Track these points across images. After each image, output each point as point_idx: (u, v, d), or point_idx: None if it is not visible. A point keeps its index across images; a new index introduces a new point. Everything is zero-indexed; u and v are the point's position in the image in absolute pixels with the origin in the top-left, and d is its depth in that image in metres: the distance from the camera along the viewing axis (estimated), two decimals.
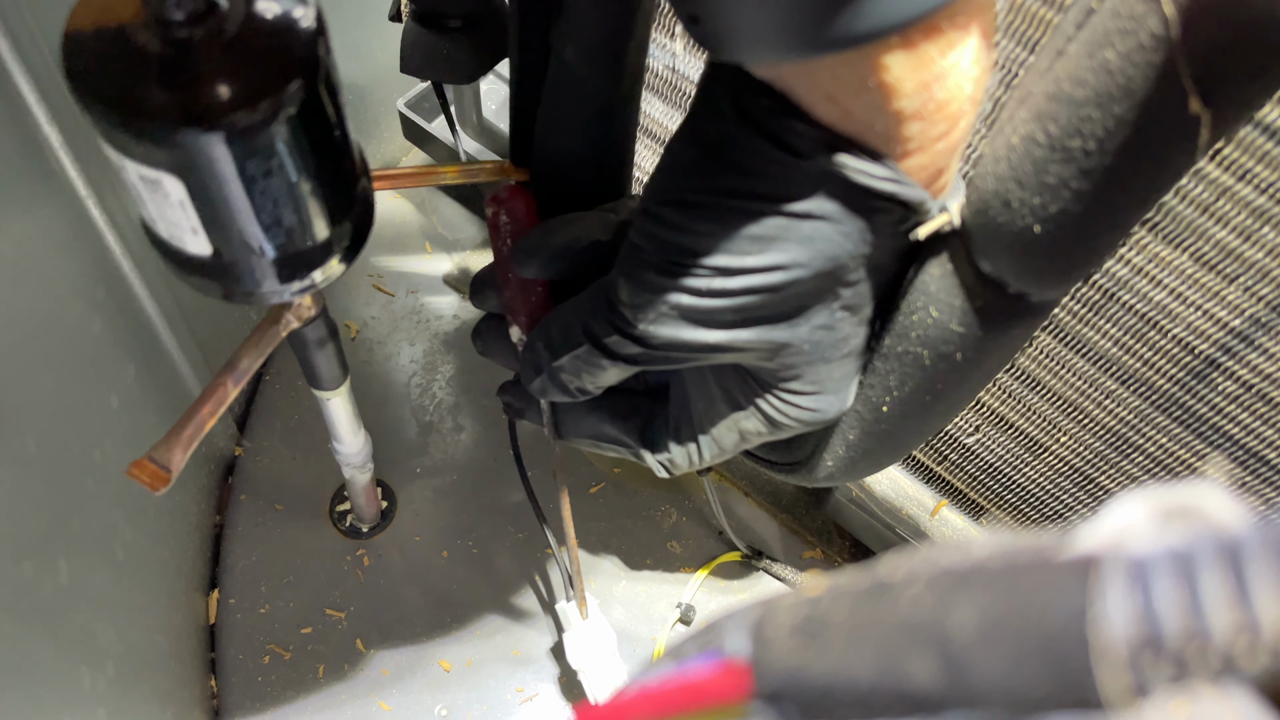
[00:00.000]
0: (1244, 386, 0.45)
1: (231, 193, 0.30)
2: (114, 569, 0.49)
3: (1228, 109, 0.27)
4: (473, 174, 0.53)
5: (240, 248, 0.33)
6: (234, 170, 0.29)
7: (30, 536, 0.40)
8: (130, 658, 0.50)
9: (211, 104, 0.28)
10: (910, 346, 0.39)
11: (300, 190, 0.32)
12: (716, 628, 0.19)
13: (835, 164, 0.32)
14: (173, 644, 0.59)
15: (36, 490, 0.41)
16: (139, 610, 0.53)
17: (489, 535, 0.70)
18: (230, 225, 0.31)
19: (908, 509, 0.67)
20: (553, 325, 0.43)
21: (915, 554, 0.17)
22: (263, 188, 0.31)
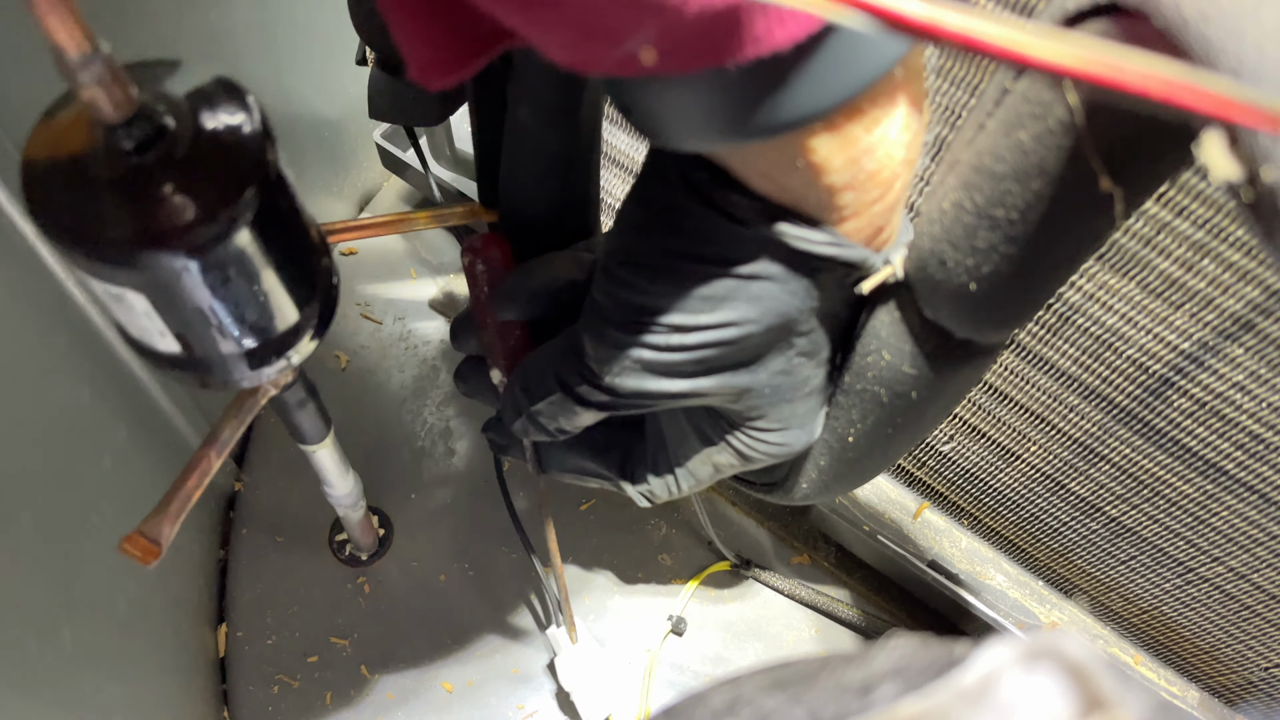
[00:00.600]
0: (1198, 403, 0.46)
1: (196, 301, 0.31)
2: (118, 625, 0.50)
3: (1139, 184, 0.29)
4: (444, 219, 0.54)
5: (209, 345, 0.34)
6: (197, 281, 0.31)
7: (31, 610, 0.41)
8: (139, 706, 0.52)
9: (169, 226, 0.29)
10: (868, 385, 0.40)
11: (263, 288, 0.33)
12: None
13: (775, 232, 0.33)
14: (182, 681, 0.61)
15: (34, 565, 0.42)
16: (146, 657, 0.55)
17: (484, 556, 0.72)
18: (197, 328, 0.33)
19: (891, 513, 0.68)
20: (528, 372, 0.45)
21: (791, 694, 0.19)
22: (226, 292, 0.32)
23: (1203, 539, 0.53)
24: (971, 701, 0.17)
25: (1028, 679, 0.17)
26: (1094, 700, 0.17)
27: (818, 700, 0.19)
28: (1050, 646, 0.17)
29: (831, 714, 0.19)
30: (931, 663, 0.19)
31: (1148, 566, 0.58)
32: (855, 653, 0.22)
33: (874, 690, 0.19)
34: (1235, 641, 0.58)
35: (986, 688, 0.17)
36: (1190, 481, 0.50)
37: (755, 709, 0.20)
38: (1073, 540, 0.61)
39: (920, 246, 0.34)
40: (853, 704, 0.18)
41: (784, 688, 0.20)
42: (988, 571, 0.67)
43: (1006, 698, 0.17)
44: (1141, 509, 0.54)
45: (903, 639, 0.21)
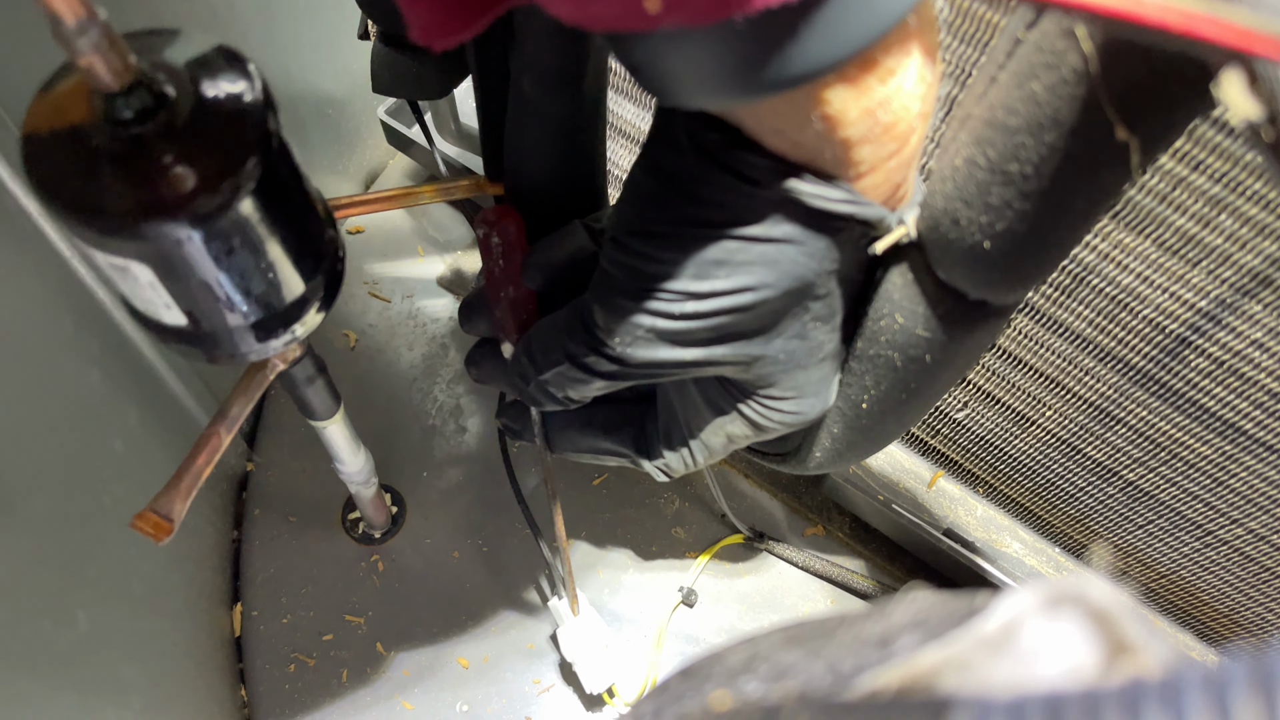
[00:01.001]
0: (1215, 363, 0.45)
1: (200, 272, 0.31)
2: (133, 605, 0.50)
3: (1155, 133, 0.28)
4: (449, 192, 0.53)
5: (216, 318, 0.34)
6: (201, 252, 0.30)
7: (45, 593, 0.41)
8: (156, 686, 0.52)
9: (171, 196, 0.29)
10: (881, 350, 0.39)
11: (269, 258, 0.33)
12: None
13: (790, 190, 0.32)
14: (199, 661, 0.61)
15: (48, 548, 0.42)
16: (162, 637, 0.55)
17: (497, 533, 0.72)
18: (202, 300, 0.33)
19: (905, 482, 0.68)
20: (535, 341, 0.44)
21: (809, 648, 0.18)
22: (230, 263, 0.32)
23: (1221, 501, 0.53)
24: (993, 649, 0.17)
25: (1050, 625, 0.17)
26: (1118, 645, 0.16)
27: (836, 654, 0.19)
28: (1073, 592, 0.17)
29: (851, 666, 0.18)
30: (951, 614, 0.19)
31: (1165, 530, 0.58)
32: (873, 609, 0.22)
33: (893, 642, 0.18)
34: (1254, 604, 0.58)
35: (1008, 635, 0.17)
36: (1208, 443, 0.50)
37: (773, 665, 0.20)
38: (1090, 506, 0.61)
39: (933, 205, 0.34)
40: (872, 656, 0.18)
41: (801, 643, 0.20)
42: (1003, 539, 0.66)
43: (1029, 645, 0.17)
44: (1159, 472, 0.54)
45: (921, 593, 0.20)
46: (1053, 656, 0.17)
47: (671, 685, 0.23)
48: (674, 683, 0.23)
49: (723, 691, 0.18)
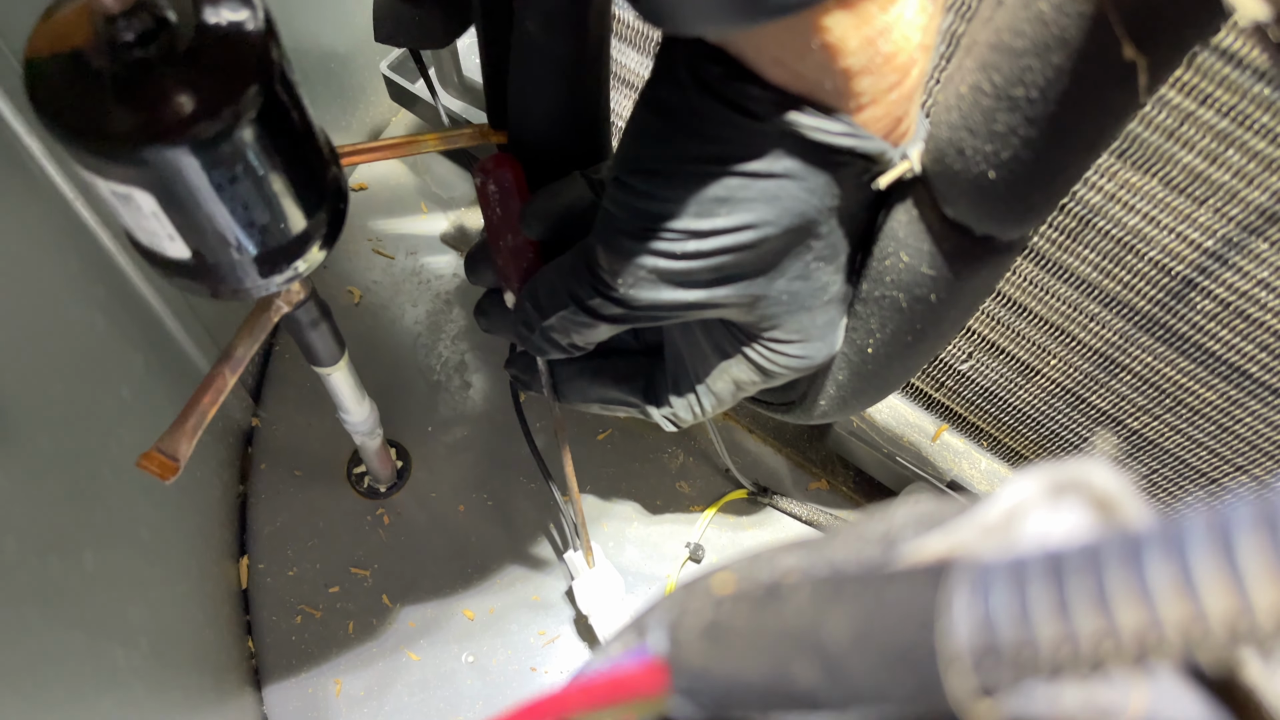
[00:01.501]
0: (1222, 304, 0.45)
1: (203, 200, 0.31)
2: (140, 550, 0.51)
3: (1163, 53, 0.28)
4: (453, 140, 0.53)
5: (219, 250, 0.34)
6: (202, 180, 0.30)
7: (52, 532, 0.42)
8: (164, 631, 0.53)
9: (172, 120, 0.29)
10: (886, 291, 0.39)
11: (271, 189, 0.33)
12: (641, 623, 0.21)
13: (791, 123, 0.32)
14: (207, 612, 0.61)
15: (55, 488, 0.43)
16: (169, 584, 0.55)
17: (503, 487, 0.72)
18: (206, 230, 0.33)
19: (909, 436, 0.68)
20: (539, 287, 0.44)
21: (811, 549, 0.18)
22: (233, 192, 0.32)
23: (1226, 447, 0.53)
24: (995, 535, 0.17)
25: (1053, 511, 0.17)
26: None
27: (838, 551, 0.19)
28: (1076, 478, 0.17)
29: (852, 564, 0.18)
30: (955, 509, 0.19)
31: (1170, 480, 0.58)
32: (873, 511, 0.22)
33: (897, 539, 0.18)
34: None
35: (1011, 521, 0.17)
36: (1213, 388, 0.50)
37: (775, 566, 0.20)
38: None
39: (937, 137, 0.33)
40: (874, 552, 0.18)
41: (805, 546, 0.20)
42: None
43: (1032, 531, 0.17)
44: (1163, 419, 0.54)
45: (924, 495, 0.20)
46: (1054, 543, 0.17)
47: (675, 595, 0.23)
48: (677, 593, 0.23)
49: (725, 573, 0.18)
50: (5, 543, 0.38)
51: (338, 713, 0.65)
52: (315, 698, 0.65)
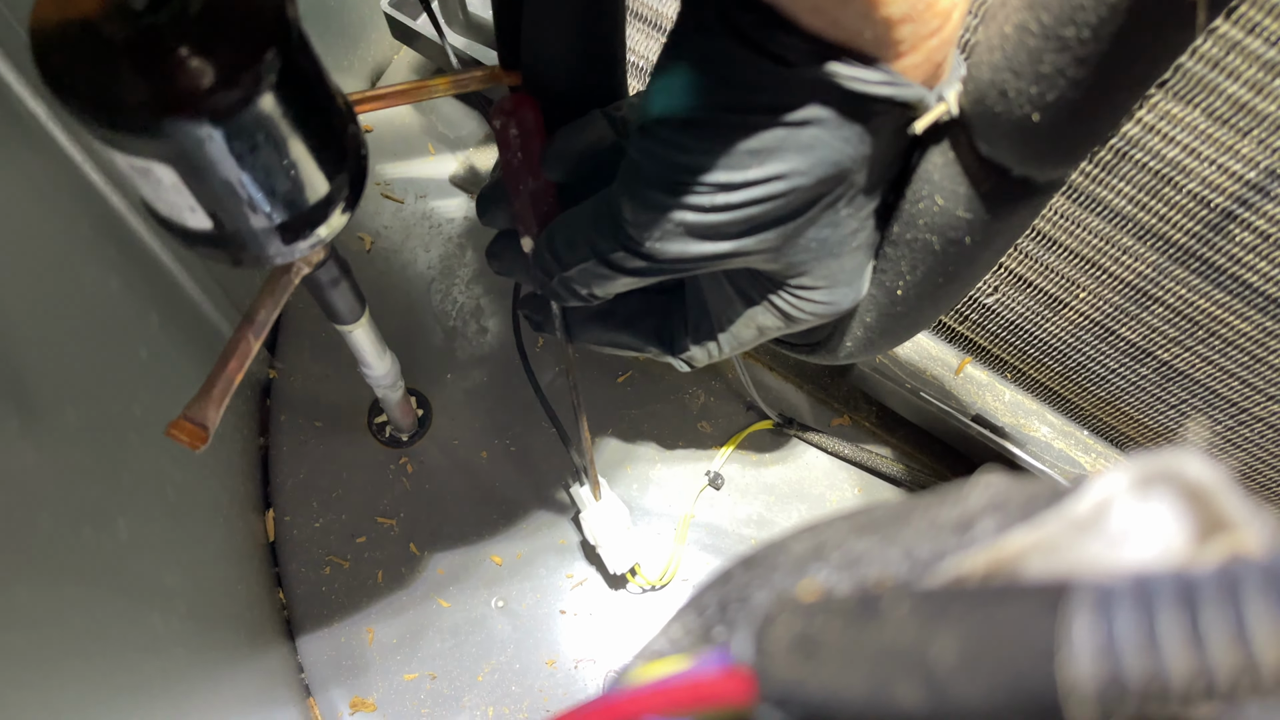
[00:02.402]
0: (1261, 236, 0.44)
1: (224, 171, 0.30)
2: (169, 512, 0.51)
3: None
4: (464, 84, 0.52)
5: (241, 220, 0.33)
6: (223, 150, 0.29)
7: (85, 502, 0.42)
8: (199, 592, 0.53)
9: (190, 90, 0.27)
10: (919, 234, 0.38)
11: (293, 155, 0.32)
12: (701, 602, 0.20)
13: (827, 73, 0.31)
14: (237, 568, 0.62)
15: (83, 457, 0.42)
16: (199, 544, 0.55)
17: (524, 432, 0.72)
18: (227, 201, 0.32)
19: (932, 370, 0.67)
20: (558, 237, 0.44)
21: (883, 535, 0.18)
22: (253, 161, 0.31)
23: (1258, 378, 0.52)
24: (1083, 530, 0.16)
25: (1142, 505, 0.16)
26: (1214, 523, 0.16)
27: (912, 539, 0.18)
28: (1167, 469, 0.16)
29: (928, 552, 0.18)
30: (1032, 497, 0.18)
31: (1199, 409, 0.57)
32: (944, 493, 0.22)
33: (973, 526, 0.18)
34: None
35: (1099, 515, 0.16)
36: (1248, 319, 0.49)
37: (845, 552, 0.19)
38: (1120, 388, 0.60)
39: (978, 78, 0.32)
40: (951, 541, 0.18)
41: (874, 530, 0.20)
42: (1032, 424, 0.66)
43: (1119, 526, 0.16)
44: (1195, 351, 0.53)
45: (997, 476, 0.20)
46: (1143, 537, 0.16)
47: (735, 575, 0.23)
48: (737, 572, 0.23)
49: (810, 580, 0.18)
50: (40, 519, 0.38)
51: (371, 660, 0.66)
52: (349, 646, 0.66)
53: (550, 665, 0.66)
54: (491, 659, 0.66)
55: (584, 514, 0.63)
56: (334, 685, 0.66)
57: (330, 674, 0.66)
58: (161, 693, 0.45)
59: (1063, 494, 0.18)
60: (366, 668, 0.66)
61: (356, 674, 0.66)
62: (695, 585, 0.24)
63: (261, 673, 0.60)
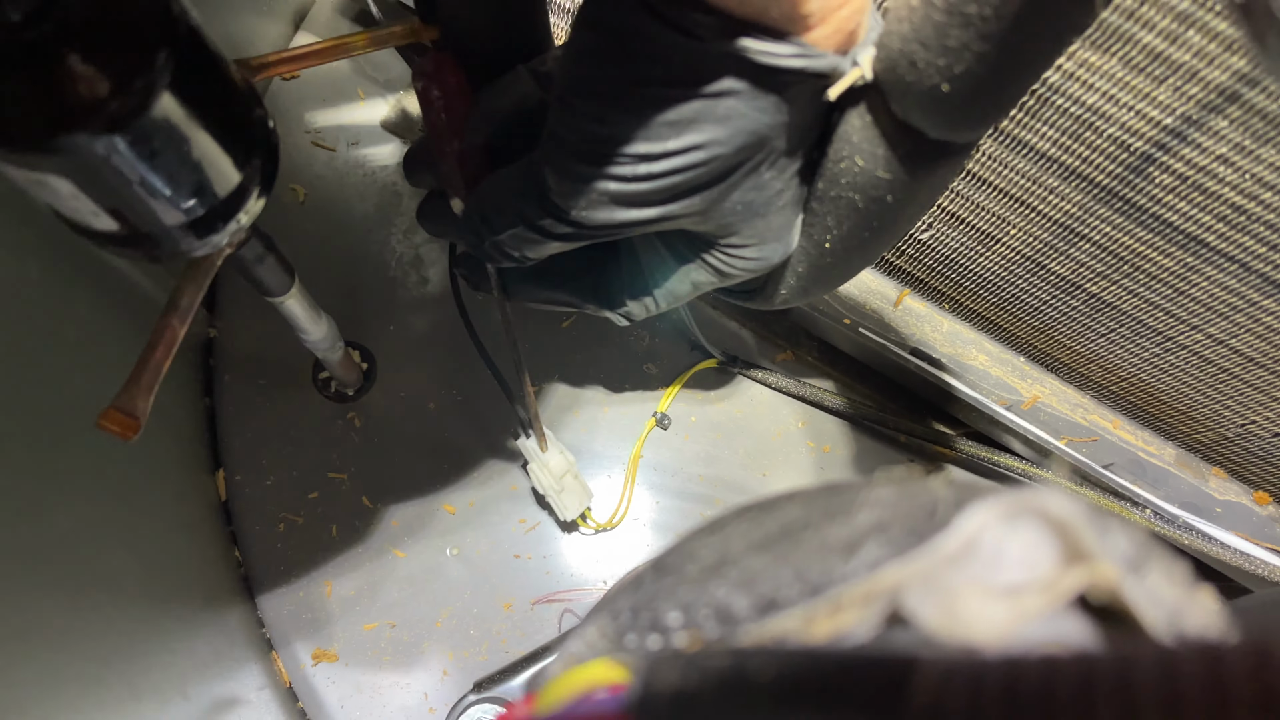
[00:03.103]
0: (1179, 178, 0.45)
1: (125, 178, 0.29)
2: (111, 491, 0.51)
3: None
4: (382, 41, 0.50)
5: (150, 221, 0.32)
6: (121, 158, 0.29)
7: (18, 497, 0.41)
8: (149, 564, 0.53)
9: (81, 104, 0.27)
10: (842, 191, 0.39)
11: (197, 152, 0.31)
12: (616, 607, 0.21)
13: (738, 48, 0.31)
14: (191, 532, 0.62)
15: (14, 450, 0.42)
16: (147, 516, 0.55)
17: (471, 381, 0.72)
18: (133, 205, 0.31)
19: (872, 303, 0.68)
20: (487, 201, 0.43)
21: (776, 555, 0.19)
22: (155, 165, 0.30)
23: (1181, 309, 0.53)
24: (955, 562, 0.17)
25: (1010, 535, 0.17)
26: (1075, 553, 0.17)
27: (804, 561, 0.19)
28: (1032, 503, 0.17)
29: (818, 574, 0.19)
30: (913, 512, 0.19)
31: (1127, 338, 0.59)
32: (837, 495, 0.22)
33: (858, 549, 0.19)
34: (1212, 402, 0.59)
35: (969, 547, 0.17)
36: (1170, 255, 0.50)
37: (743, 570, 0.20)
38: (1053, 318, 0.61)
39: (889, 47, 0.32)
40: (838, 564, 0.19)
41: (769, 547, 0.20)
42: (970, 352, 0.67)
43: (990, 553, 0.17)
44: (1122, 284, 0.54)
45: (883, 490, 0.20)
46: (1013, 565, 0.17)
47: (646, 580, 0.24)
48: (648, 577, 0.24)
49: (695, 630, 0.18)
50: None
51: (331, 613, 0.67)
52: (307, 601, 0.67)
53: (507, 609, 0.68)
54: (449, 605, 0.68)
55: (531, 465, 0.64)
56: (295, 639, 0.67)
57: (291, 628, 0.67)
58: (118, 672, 0.46)
59: (939, 514, 0.18)
60: (327, 620, 0.67)
61: (317, 627, 0.67)
62: (611, 586, 0.25)
63: (222, 633, 0.61)
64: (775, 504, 0.24)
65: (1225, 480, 0.65)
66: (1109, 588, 0.16)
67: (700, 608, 0.20)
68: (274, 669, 0.66)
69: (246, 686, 0.61)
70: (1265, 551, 0.63)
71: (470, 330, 0.61)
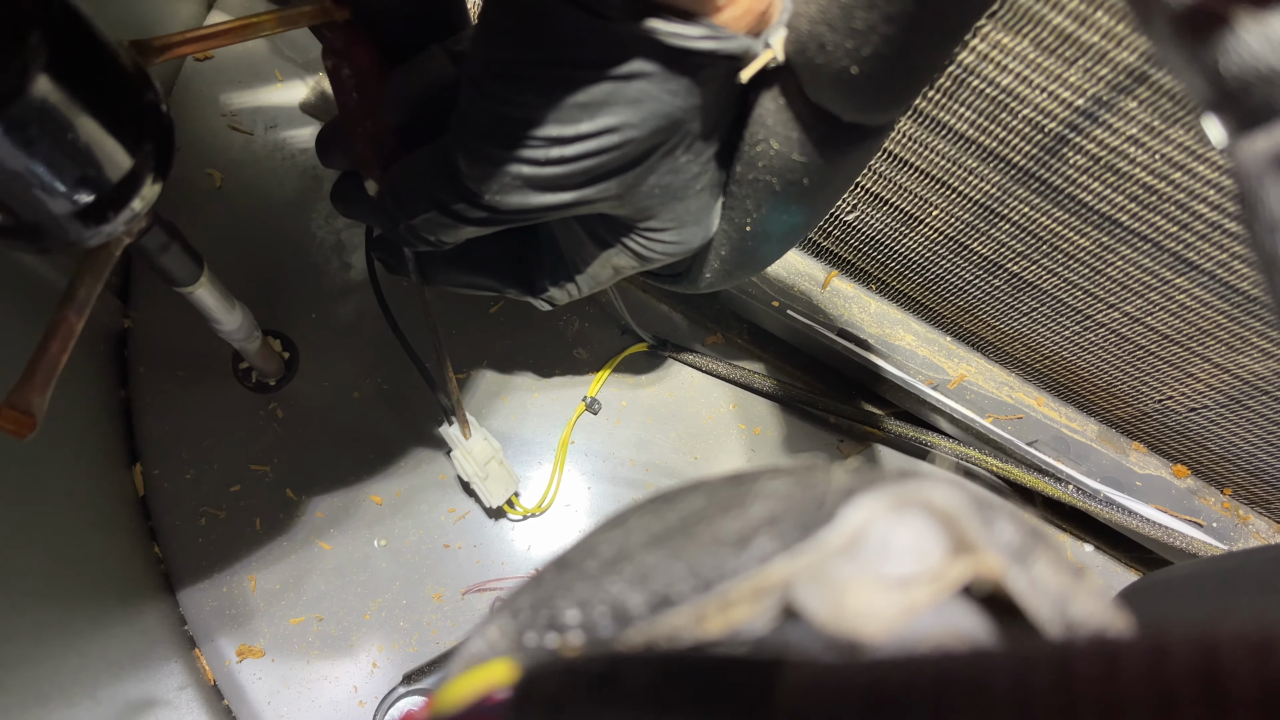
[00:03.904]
0: (1092, 159, 0.45)
1: (4, 166, 0.28)
2: (16, 490, 0.49)
3: None
4: (291, 21, 0.49)
5: (38, 210, 0.31)
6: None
7: None
8: (57, 564, 0.51)
9: None
10: (759, 174, 0.38)
11: (81, 138, 0.30)
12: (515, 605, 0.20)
13: (648, 30, 0.30)
14: (105, 528, 0.60)
15: None
16: (59, 515, 0.54)
17: (396, 370, 0.71)
18: (17, 193, 0.30)
19: (800, 285, 0.68)
20: (399, 185, 0.42)
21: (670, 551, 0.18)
22: (35, 152, 0.29)
23: (1099, 288, 0.54)
24: (841, 554, 0.17)
25: (897, 527, 0.17)
26: (961, 544, 0.17)
27: (697, 555, 0.19)
28: (917, 495, 0.17)
29: (711, 569, 0.18)
30: (803, 505, 0.19)
31: (1048, 317, 0.59)
32: (738, 485, 0.22)
33: (750, 543, 0.18)
34: (1130, 379, 0.60)
35: (855, 540, 0.17)
36: (1086, 235, 0.50)
37: (638, 565, 0.20)
38: (976, 297, 0.62)
39: (798, 29, 0.32)
40: (730, 558, 0.18)
41: (666, 542, 0.20)
42: (897, 332, 0.68)
43: (877, 546, 0.17)
44: (1041, 264, 0.55)
45: (776, 482, 0.20)
46: (901, 556, 0.17)
47: (546, 578, 0.23)
48: (549, 575, 0.23)
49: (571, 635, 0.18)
50: None
51: (255, 608, 0.66)
52: (231, 596, 0.66)
53: (437, 599, 0.67)
54: (378, 597, 0.67)
55: (455, 453, 0.63)
56: (219, 635, 0.65)
57: (214, 624, 0.65)
58: (21, 677, 0.44)
59: (825, 507, 0.18)
60: (251, 615, 0.66)
61: (241, 622, 0.65)
62: (509, 588, 0.24)
63: (139, 632, 0.59)
64: (678, 495, 0.23)
65: (1145, 454, 0.67)
66: (994, 578, 0.16)
67: (596, 604, 0.20)
68: (197, 666, 0.64)
69: (166, 686, 0.60)
70: (1183, 524, 0.64)
71: (388, 316, 0.60)
